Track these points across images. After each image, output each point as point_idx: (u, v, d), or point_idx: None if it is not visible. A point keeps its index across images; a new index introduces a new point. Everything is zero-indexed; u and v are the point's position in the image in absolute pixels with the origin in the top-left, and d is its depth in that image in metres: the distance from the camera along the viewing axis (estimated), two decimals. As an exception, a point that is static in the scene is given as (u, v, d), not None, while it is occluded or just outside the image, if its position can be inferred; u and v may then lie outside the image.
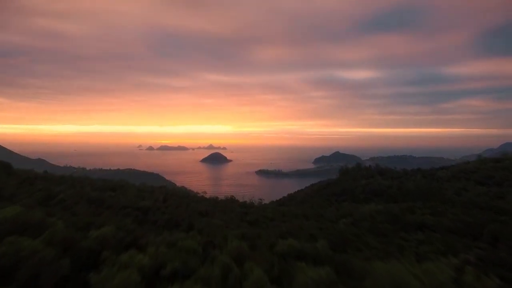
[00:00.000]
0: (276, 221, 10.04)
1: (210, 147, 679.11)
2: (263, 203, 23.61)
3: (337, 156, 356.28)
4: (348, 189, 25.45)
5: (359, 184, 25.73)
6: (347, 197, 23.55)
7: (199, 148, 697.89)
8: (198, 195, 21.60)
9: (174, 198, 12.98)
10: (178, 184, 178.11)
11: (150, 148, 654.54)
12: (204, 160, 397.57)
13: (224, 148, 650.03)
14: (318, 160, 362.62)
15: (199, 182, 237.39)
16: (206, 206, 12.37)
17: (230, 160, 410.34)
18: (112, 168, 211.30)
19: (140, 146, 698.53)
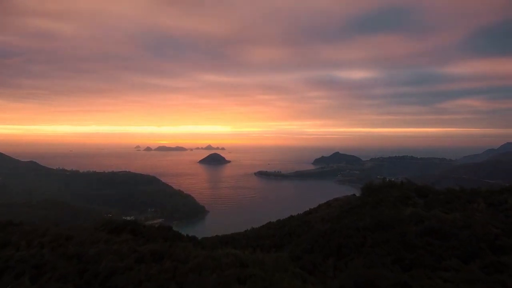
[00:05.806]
0: None
1: (209, 147, 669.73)
2: (272, 251, 16.77)
3: (337, 157, 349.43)
4: (388, 223, 18.51)
5: (403, 216, 18.81)
6: (392, 237, 16.56)
7: (198, 148, 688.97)
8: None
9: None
10: (175, 187, 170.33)
11: (148, 149, 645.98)
12: (203, 161, 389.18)
13: (223, 149, 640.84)
14: (318, 161, 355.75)
15: (197, 184, 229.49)
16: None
17: (229, 161, 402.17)
18: (106, 171, 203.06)
19: (138, 146, 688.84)
